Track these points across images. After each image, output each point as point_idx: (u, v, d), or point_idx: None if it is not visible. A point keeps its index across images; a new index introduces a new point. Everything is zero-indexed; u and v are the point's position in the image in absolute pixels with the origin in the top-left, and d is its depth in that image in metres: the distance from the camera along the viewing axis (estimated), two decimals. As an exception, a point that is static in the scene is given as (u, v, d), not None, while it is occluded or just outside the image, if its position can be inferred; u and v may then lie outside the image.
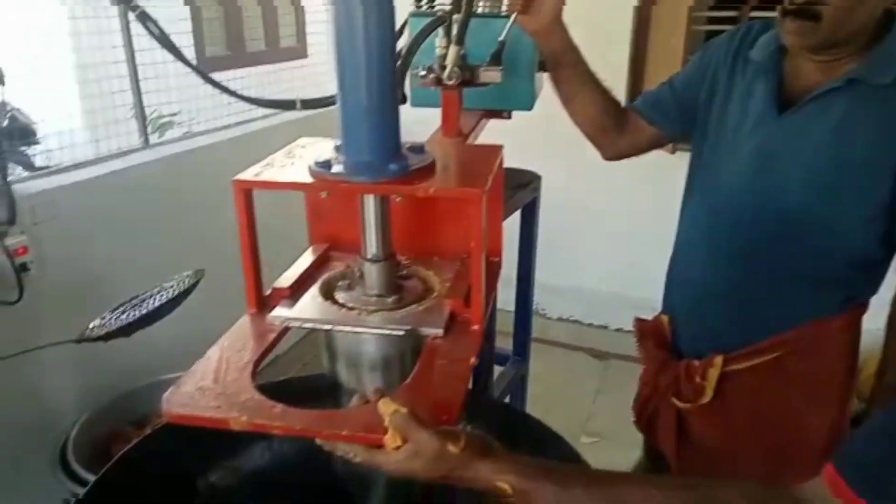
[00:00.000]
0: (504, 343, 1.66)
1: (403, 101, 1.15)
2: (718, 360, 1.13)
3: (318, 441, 0.67)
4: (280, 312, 0.80)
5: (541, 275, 1.71)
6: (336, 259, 0.94)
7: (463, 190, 0.77)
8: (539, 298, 1.96)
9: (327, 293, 0.85)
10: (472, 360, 0.74)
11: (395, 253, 0.84)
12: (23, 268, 1.42)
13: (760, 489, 0.62)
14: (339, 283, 0.86)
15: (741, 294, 1.11)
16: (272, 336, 0.78)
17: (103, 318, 1.24)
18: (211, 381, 0.70)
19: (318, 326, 0.79)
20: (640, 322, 1.30)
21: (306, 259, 0.92)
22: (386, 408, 0.62)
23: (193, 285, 1.36)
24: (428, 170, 0.77)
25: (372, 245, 0.81)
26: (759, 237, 1.07)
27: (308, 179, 0.75)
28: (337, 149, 0.77)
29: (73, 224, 1.61)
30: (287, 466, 1.10)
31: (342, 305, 0.82)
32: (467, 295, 0.81)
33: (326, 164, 0.74)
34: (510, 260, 1.26)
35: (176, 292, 1.32)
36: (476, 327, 0.79)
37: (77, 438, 1.44)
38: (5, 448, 1.32)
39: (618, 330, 2.69)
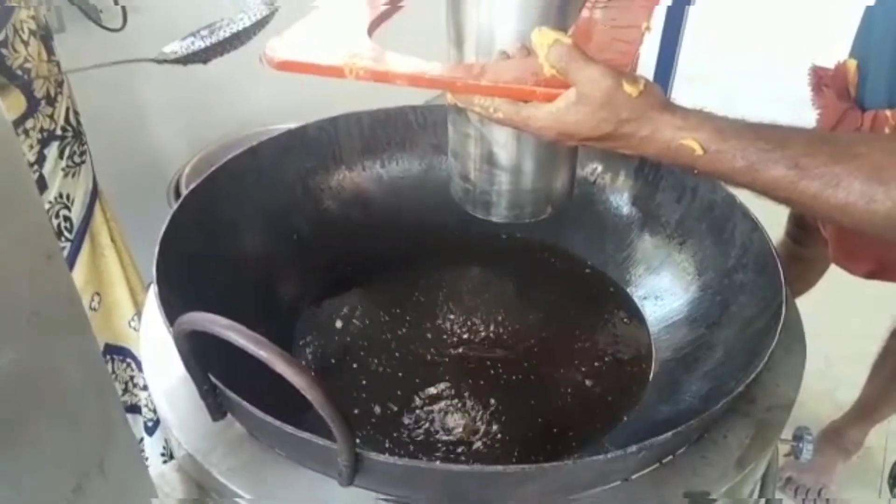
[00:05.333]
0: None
1: None
2: (921, 106, 0.92)
3: (449, 99, 0.55)
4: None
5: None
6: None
7: None
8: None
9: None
10: (644, 25, 0.58)
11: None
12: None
13: None
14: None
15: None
16: (390, -1, 0.65)
17: (179, 43, 1.15)
18: (321, 32, 0.58)
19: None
20: (818, 70, 1.09)
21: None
22: (542, 38, 0.48)
23: (266, 17, 1.24)
24: None
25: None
26: None
27: None
28: None
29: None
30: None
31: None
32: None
33: None
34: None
35: (248, 22, 1.21)
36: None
37: (189, 178, 1.44)
38: (126, 177, 1.32)
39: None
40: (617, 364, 0.84)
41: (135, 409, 1.15)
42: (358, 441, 0.72)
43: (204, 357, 0.56)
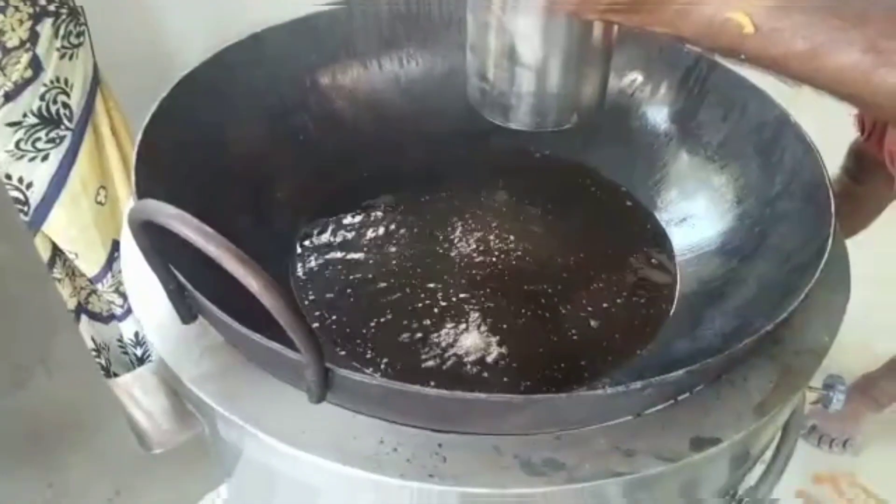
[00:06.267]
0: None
1: None
2: None
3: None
4: None
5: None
6: None
7: None
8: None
9: None
10: None
11: None
12: None
13: None
14: None
15: None
16: None
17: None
18: None
19: None
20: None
21: None
22: None
23: None
24: None
25: None
26: None
27: None
28: None
29: None
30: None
31: None
32: None
33: None
34: None
35: None
36: None
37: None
38: (132, 68, 1.26)
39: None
40: (636, 295, 0.78)
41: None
42: (343, 353, 0.68)
43: (189, 265, 0.51)
